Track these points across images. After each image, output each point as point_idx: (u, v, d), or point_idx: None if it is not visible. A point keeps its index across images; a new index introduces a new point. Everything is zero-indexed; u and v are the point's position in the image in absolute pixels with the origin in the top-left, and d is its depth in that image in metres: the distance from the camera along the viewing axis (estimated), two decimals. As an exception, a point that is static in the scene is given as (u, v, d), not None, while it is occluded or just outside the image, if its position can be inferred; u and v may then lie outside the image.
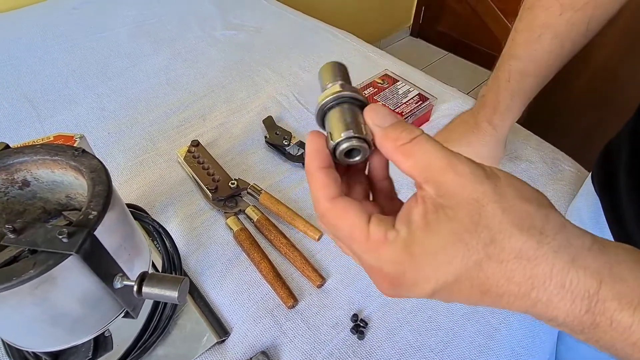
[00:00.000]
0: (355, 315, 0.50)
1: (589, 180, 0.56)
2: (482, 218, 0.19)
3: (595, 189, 0.53)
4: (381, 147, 0.23)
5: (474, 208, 0.20)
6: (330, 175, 0.23)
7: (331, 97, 0.24)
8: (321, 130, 0.25)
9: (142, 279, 0.33)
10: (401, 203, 0.25)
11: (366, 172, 0.27)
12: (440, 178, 0.20)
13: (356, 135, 0.23)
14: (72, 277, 0.31)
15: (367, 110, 0.24)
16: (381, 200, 0.27)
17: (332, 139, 0.23)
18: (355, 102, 0.25)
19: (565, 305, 0.19)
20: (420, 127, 0.73)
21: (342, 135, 0.23)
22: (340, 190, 0.23)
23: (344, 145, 0.23)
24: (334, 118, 0.24)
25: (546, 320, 0.20)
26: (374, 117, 0.23)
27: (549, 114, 1.55)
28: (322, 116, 0.25)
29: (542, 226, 0.20)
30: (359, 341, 0.48)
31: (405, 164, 0.22)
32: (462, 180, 0.20)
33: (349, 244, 0.22)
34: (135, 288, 0.33)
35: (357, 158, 0.24)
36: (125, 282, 0.33)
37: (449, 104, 0.79)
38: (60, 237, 0.28)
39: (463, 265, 0.20)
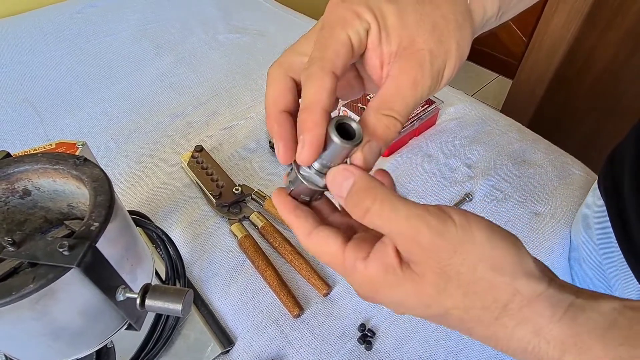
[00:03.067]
0: (362, 325, 0.49)
1: (595, 185, 0.55)
2: (446, 290, 0.21)
3: (601, 194, 0.52)
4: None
5: (439, 280, 0.21)
6: (301, 215, 0.25)
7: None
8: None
9: (145, 291, 0.32)
10: None
11: None
12: (404, 246, 0.22)
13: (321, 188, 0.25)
14: (73, 290, 0.30)
15: (329, 177, 0.24)
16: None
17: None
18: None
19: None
20: (429, 130, 0.73)
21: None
22: (314, 222, 0.25)
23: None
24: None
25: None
26: (333, 190, 0.24)
27: (552, 117, 1.54)
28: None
29: (506, 300, 0.20)
30: (367, 352, 0.47)
31: (376, 223, 0.23)
32: (427, 251, 0.21)
33: (332, 268, 0.25)
34: (138, 301, 0.32)
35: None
36: (128, 295, 0.32)
37: (455, 107, 0.78)
38: (61, 250, 0.27)
39: (421, 315, 0.23)
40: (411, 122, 0.68)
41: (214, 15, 1.08)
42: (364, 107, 0.69)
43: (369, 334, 0.48)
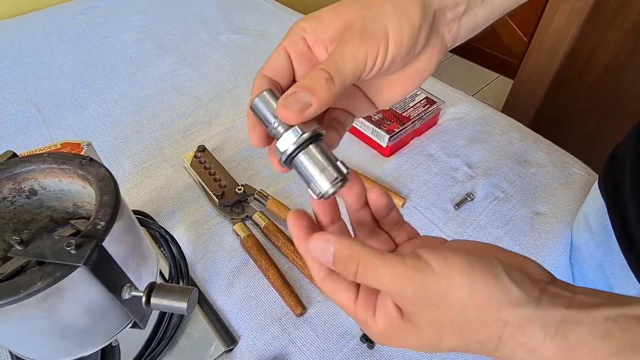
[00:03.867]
0: (364, 324, 0.49)
1: (596, 185, 0.55)
2: (442, 336, 0.22)
3: (601, 193, 0.52)
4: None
5: (434, 328, 0.22)
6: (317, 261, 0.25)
7: (293, 145, 0.24)
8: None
9: (151, 289, 0.33)
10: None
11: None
12: (397, 301, 0.23)
13: (338, 177, 0.24)
14: (79, 288, 0.30)
15: (311, 249, 0.24)
16: (364, 231, 0.29)
17: (315, 189, 0.25)
18: (316, 137, 0.25)
19: None
20: (430, 130, 0.73)
21: (326, 184, 0.24)
22: (327, 270, 0.25)
23: (331, 192, 0.25)
24: (308, 166, 0.24)
25: None
26: (321, 259, 0.24)
27: (553, 117, 1.54)
28: (289, 163, 0.25)
29: (500, 335, 0.21)
30: (369, 350, 0.48)
31: (369, 280, 0.24)
32: (416, 304, 0.22)
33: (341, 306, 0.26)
34: (143, 299, 0.32)
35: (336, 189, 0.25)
36: (134, 293, 0.33)
37: (456, 108, 0.78)
38: (68, 248, 0.28)
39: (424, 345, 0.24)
40: (412, 122, 0.69)
41: (215, 15, 1.08)
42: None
43: (371, 333, 0.48)
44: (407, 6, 0.25)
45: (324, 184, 0.24)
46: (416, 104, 0.72)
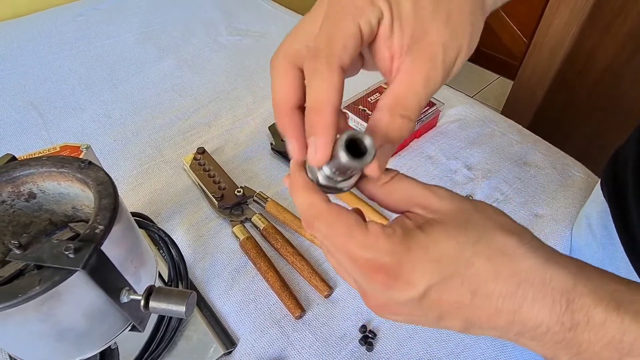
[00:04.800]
0: (363, 326, 0.49)
1: (598, 186, 0.55)
2: (469, 223, 0.22)
3: (604, 196, 0.52)
4: (363, 189, 0.25)
5: (461, 216, 0.22)
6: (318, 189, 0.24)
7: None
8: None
9: (149, 293, 0.33)
10: None
11: None
12: (425, 202, 0.23)
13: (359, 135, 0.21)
14: (78, 292, 0.30)
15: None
16: None
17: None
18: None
19: (548, 303, 0.20)
20: (429, 131, 0.73)
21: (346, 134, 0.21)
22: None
23: (349, 134, 0.21)
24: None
25: (530, 332, 0.20)
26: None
27: (554, 117, 1.54)
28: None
29: (519, 232, 0.22)
30: (368, 353, 0.48)
31: (390, 198, 0.24)
32: (445, 200, 0.23)
33: (344, 243, 0.22)
34: (142, 303, 0.32)
35: (364, 159, 0.21)
36: (132, 297, 0.33)
37: (455, 109, 0.78)
38: (67, 252, 0.28)
39: (454, 259, 0.21)
40: (412, 124, 0.69)
41: (215, 17, 1.08)
42: (365, 108, 0.69)
43: (370, 335, 0.48)
44: (477, 31, 0.24)
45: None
46: (416, 105, 0.72)
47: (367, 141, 0.21)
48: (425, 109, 0.71)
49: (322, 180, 0.24)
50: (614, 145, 0.53)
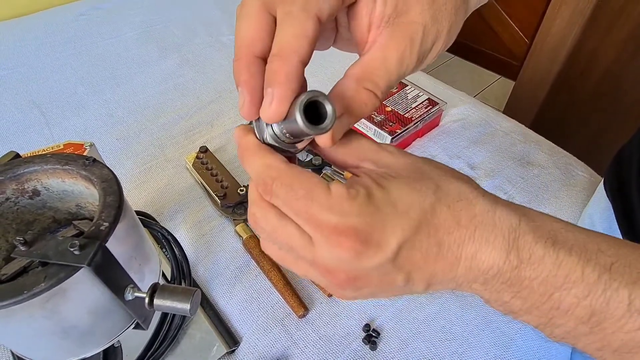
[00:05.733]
0: (367, 325, 0.49)
1: (601, 185, 0.55)
2: (424, 173, 0.22)
3: (607, 195, 0.52)
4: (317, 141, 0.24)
5: (413, 168, 0.22)
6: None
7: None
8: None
9: (154, 290, 0.33)
10: None
11: None
12: (375, 156, 0.23)
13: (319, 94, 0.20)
14: (83, 289, 0.30)
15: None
16: None
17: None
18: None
19: (498, 244, 0.20)
20: (432, 131, 0.73)
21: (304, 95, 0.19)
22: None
23: (309, 96, 0.19)
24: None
25: (481, 277, 0.21)
26: None
27: (555, 118, 1.54)
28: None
29: (467, 179, 0.23)
30: (371, 352, 0.47)
31: (337, 153, 0.24)
32: (395, 154, 0.23)
33: (306, 207, 0.20)
34: (146, 300, 0.32)
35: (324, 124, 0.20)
36: (137, 294, 0.32)
37: (458, 109, 0.78)
38: (72, 249, 0.28)
39: (421, 210, 0.20)
40: (415, 124, 0.69)
41: (217, 17, 1.08)
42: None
43: (373, 334, 0.48)
44: (458, 23, 0.23)
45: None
46: (418, 105, 0.72)
47: (329, 107, 0.19)
48: (428, 108, 0.71)
49: (268, 139, 0.22)
50: (616, 145, 0.53)
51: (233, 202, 0.60)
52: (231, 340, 0.48)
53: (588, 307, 0.20)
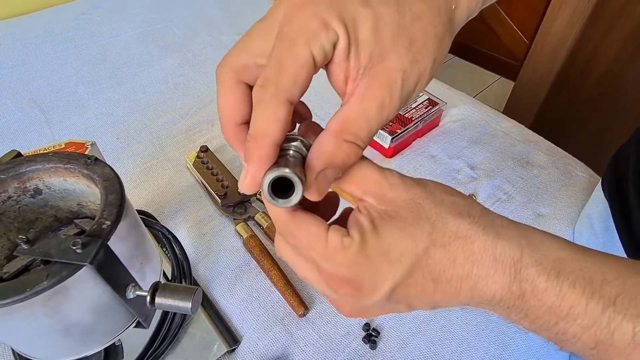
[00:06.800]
0: (367, 325, 0.49)
1: (599, 186, 0.55)
2: (421, 212, 0.22)
3: (605, 195, 0.52)
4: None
5: (412, 206, 0.22)
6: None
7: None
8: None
9: (155, 289, 0.33)
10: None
11: None
12: (378, 191, 0.23)
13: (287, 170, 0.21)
14: (85, 287, 0.30)
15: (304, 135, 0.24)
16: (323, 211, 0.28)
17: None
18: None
19: (499, 277, 0.21)
20: (432, 131, 0.73)
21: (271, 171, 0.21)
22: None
23: (273, 174, 0.21)
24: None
25: (487, 302, 0.22)
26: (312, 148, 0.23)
27: (555, 118, 1.54)
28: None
29: (468, 211, 0.23)
30: (371, 351, 0.48)
31: (346, 185, 0.24)
32: (396, 188, 0.23)
33: (308, 253, 0.23)
34: (148, 298, 0.32)
35: (294, 196, 0.21)
36: (138, 292, 0.33)
37: (458, 109, 0.79)
38: (74, 247, 0.28)
39: (413, 255, 0.21)
40: (415, 124, 0.69)
41: (217, 16, 1.09)
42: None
43: (373, 334, 0.48)
44: (442, 55, 0.23)
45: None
46: (418, 105, 0.72)
47: (296, 185, 0.21)
48: (428, 108, 0.71)
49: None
50: (616, 146, 0.53)
51: (233, 201, 0.60)
52: (231, 339, 0.48)
53: (593, 336, 0.20)
